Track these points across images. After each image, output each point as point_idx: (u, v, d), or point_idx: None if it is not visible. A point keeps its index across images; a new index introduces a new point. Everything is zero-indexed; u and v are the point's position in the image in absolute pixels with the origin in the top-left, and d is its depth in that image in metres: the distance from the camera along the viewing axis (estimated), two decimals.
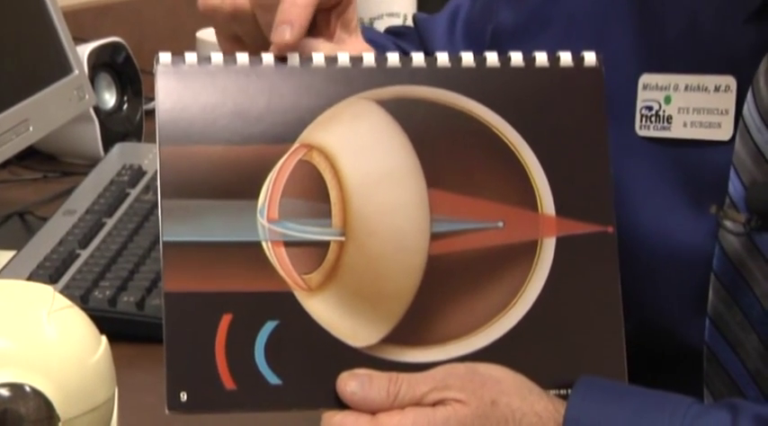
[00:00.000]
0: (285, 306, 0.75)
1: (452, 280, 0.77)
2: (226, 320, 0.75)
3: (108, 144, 1.43)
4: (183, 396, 0.74)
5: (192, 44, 1.53)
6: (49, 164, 1.47)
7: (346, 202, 0.76)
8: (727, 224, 0.82)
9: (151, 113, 0.78)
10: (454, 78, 0.78)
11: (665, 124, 0.86)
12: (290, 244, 0.76)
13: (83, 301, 1.00)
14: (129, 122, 1.51)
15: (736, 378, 0.85)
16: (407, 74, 0.78)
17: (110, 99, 1.51)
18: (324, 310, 0.75)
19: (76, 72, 1.39)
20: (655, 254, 0.86)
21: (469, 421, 0.72)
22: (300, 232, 0.76)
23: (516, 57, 0.78)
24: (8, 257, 1.10)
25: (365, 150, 0.77)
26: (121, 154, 1.34)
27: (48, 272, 1.06)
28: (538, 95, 0.79)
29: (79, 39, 1.46)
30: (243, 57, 0.77)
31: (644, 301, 0.86)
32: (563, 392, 0.76)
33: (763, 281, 0.82)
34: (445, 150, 0.78)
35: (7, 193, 1.38)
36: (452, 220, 0.77)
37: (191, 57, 0.76)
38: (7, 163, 1.37)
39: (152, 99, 0.76)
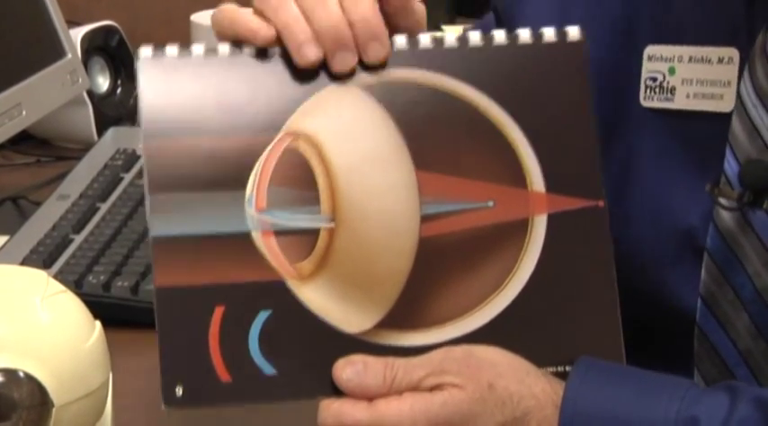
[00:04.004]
0: (277, 295, 0.75)
1: (445, 262, 0.76)
2: (218, 312, 0.74)
3: (102, 128, 1.43)
4: (179, 391, 0.74)
5: (186, 27, 1.53)
6: (43, 148, 1.47)
7: (334, 188, 0.76)
8: (722, 200, 0.83)
9: None
10: (437, 59, 0.77)
11: (669, 95, 0.86)
12: (279, 232, 0.75)
13: (77, 286, 1.01)
14: (122, 106, 1.52)
15: (726, 359, 0.85)
16: (390, 58, 0.77)
17: (103, 83, 1.52)
18: (316, 298, 0.75)
19: (70, 56, 1.39)
20: (651, 228, 0.86)
21: (466, 406, 0.72)
22: (289, 220, 0.75)
23: (499, 36, 0.78)
24: (1, 242, 1.10)
25: (351, 136, 0.76)
26: (115, 138, 1.34)
27: (41, 257, 1.06)
28: (522, 72, 0.78)
29: (72, 22, 1.46)
30: (224, 48, 0.76)
31: (638, 275, 0.86)
32: (560, 369, 0.76)
33: (755, 259, 0.82)
34: (431, 132, 0.77)
35: (0, 178, 1.38)
36: (442, 202, 0.77)
37: (171, 50, 0.76)
38: (0, 147, 1.37)
39: None
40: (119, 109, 1.51)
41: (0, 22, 1.31)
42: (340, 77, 0.76)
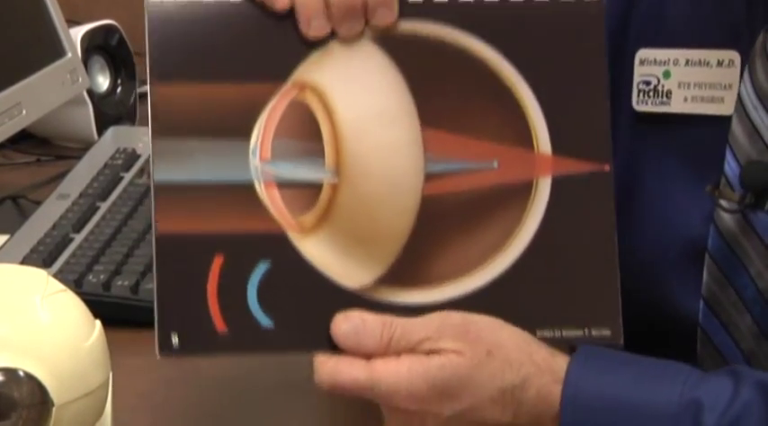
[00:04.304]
0: (278, 247, 0.74)
1: (447, 221, 0.76)
2: (218, 262, 0.74)
3: (102, 127, 1.44)
4: (175, 340, 0.73)
5: None
6: (43, 147, 1.47)
7: (339, 142, 0.75)
8: (723, 202, 0.83)
9: (145, 96, 0.77)
10: (451, 13, 0.77)
11: (664, 99, 0.86)
12: (282, 184, 0.75)
13: (77, 285, 1.00)
14: (122, 105, 1.52)
15: (729, 360, 0.85)
16: (403, 9, 0.76)
17: (103, 82, 1.52)
18: (317, 251, 0.75)
19: (70, 55, 1.39)
20: (652, 233, 0.86)
21: (465, 371, 0.72)
22: (293, 172, 0.75)
23: None
24: (1, 241, 1.10)
25: (358, 89, 0.76)
26: (115, 137, 1.34)
27: (41, 256, 1.06)
28: (537, 31, 0.78)
29: (72, 21, 1.46)
30: None
31: (640, 278, 0.86)
32: (557, 333, 0.76)
33: (757, 261, 0.82)
34: (440, 88, 0.77)
35: (0, 177, 1.39)
36: (447, 160, 0.76)
37: None
38: (0, 146, 1.38)
39: (146, 82, 0.76)
40: (119, 108, 1.51)
41: (0, 21, 1.31)
42: None
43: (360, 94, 0.76)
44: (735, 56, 0.84)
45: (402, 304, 0.75)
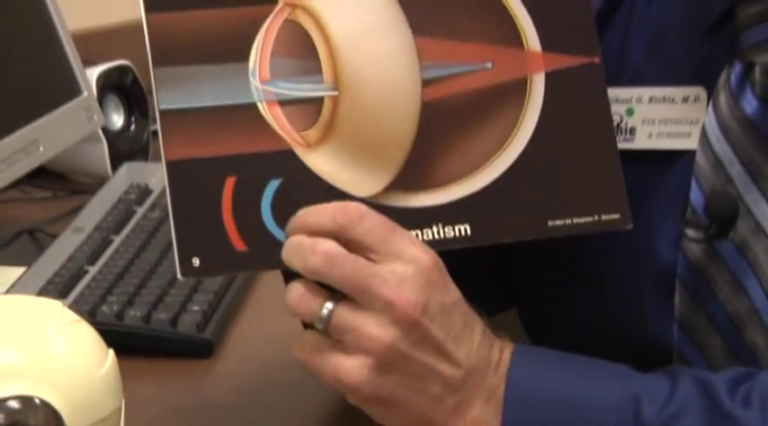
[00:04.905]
0: (287, 163, 0.75)
1: (448, 124, 0.77)
2: (230, 183, 0.74)
3: (116, 163, 1.44)
4: (196, 262, 0.73)
5: None
6: (59, 182, 1.47)
7: (335, 57, 0.76)
8: (689, 232, 0.83)
9: (157, 133, 0.78)
10: None
11: (628, 136, 0.86)
12: (284, 102, 0.75)
13: (91, 315, 1.01)
14: (136, 142, 1.52)
15: None
16: None
17: (117, 120, 1.52)
18: (325, 164, 0.75)
19: (85, 94, 1.39)
20: (624, 261, 0.87)
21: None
22: (293, 90, 0.75)
23: None
24: (19, 273, 1.11)
25: (348, 4, 0.77)
26: (129, 173, 1.35)
27: (57, 288, 1.06)
28: None
29: (88, 61, 1.46)
30: None
31: (615, 305, 0.87)
32: (568, 221, 0.77)
33: (725, 287, 0.83)
34: None
35: (18, 211, 1.39)
36: (441, 65, 0.77)
37: None
38: (18, 181, 1.36)
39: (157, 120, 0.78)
40: (132, 145, 1.51)
41: (19, 61, 1.31)
42: None
43: (350, 10, 0.76)
44: (701, 92, 0.84)
45: (413, 207, 0.75)
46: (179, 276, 0.74)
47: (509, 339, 0.78)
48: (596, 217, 0.78)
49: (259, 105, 0.75)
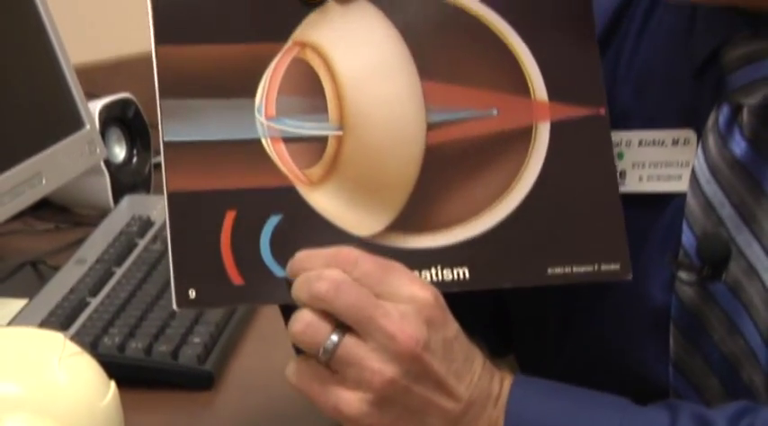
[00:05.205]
0: (288, 200, 0.75)
1: (451, 168, 0.77)
2: (230, 216, 0.74)
3: (118, 195, 1.44)
4: (192, 293, 0.73)
5: None
6: (61, 214, 1.47)
7: (341, 97, 0.76)
8: (682, 275, 0.83)
9: (159, 166, 0.79)
10: None
11: (618, 179, 0.85)
12: (288, 139, 0.76)
13: (92, 347, 1.01)
14: (138, 175, 1.52)
15: None
16: None
17: (120, 152, 1.52)
18: (326, 202, 0.76)
19: (88, 127, 1.39)
20: (618, 304, 0.86)
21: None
22: (298, 128, 0.76)
23: None
24: (21, 305, 1.11)
25: (357, 45, 0.77)
26: (131, 205, 1.35)
27: (59, 320, 1.06)
28: None
29: (91, 94, 1.47)
30: None
31: (612, 346, 0.87)
32: (567, 269, 0.77)
33: (719, 328, 0.83)
34: (435, 42, 0.78)
35: (20, 243, 1.39)
36: (447, 110, 0.78)
37: None
38: (21, 213, 1.35)
39: (159, 152, 0.77)
40: (134, 177, 1.51)
41: (22, 95, 1.32)
42: None
43: (358, 50, 0.77)
44: (690, 134, 0.84)
45: (413, 249, 0.76)
46: (174, 306, 0.74)
47: (509, 371, 0.78)
48: (596, 267, 0.79)
49: (263, 141, 0.76)
